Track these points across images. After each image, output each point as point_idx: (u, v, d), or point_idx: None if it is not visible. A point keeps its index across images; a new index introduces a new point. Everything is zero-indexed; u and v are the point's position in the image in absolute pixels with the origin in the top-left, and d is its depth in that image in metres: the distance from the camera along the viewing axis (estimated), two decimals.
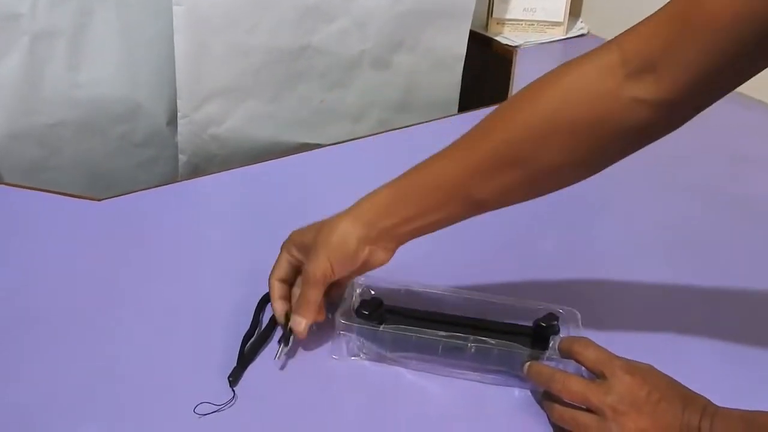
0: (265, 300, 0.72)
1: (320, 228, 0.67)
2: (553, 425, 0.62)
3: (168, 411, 0.62)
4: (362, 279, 0.72)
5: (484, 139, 0.63)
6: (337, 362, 0.68)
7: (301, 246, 0.68)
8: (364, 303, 0.69)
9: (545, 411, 0.63)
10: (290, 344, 0.67)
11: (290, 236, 0.70)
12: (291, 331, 0.67)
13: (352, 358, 0.68)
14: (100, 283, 0.76)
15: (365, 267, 0.68)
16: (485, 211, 0.66)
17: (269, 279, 0.70)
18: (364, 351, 0.68)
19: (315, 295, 0.66)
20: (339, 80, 1.23)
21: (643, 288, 0.80)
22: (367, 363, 0.68)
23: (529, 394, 0.66)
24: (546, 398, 0.63)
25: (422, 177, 0.65)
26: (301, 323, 0.66)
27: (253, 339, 0.68)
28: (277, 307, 0.69)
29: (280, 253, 0.70)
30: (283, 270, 0.70)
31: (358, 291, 0.71)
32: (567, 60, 0.62)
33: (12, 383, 0.64)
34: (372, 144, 1.10)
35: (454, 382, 0.67)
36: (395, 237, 0.66)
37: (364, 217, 0.65)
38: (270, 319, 0.71)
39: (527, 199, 0.65)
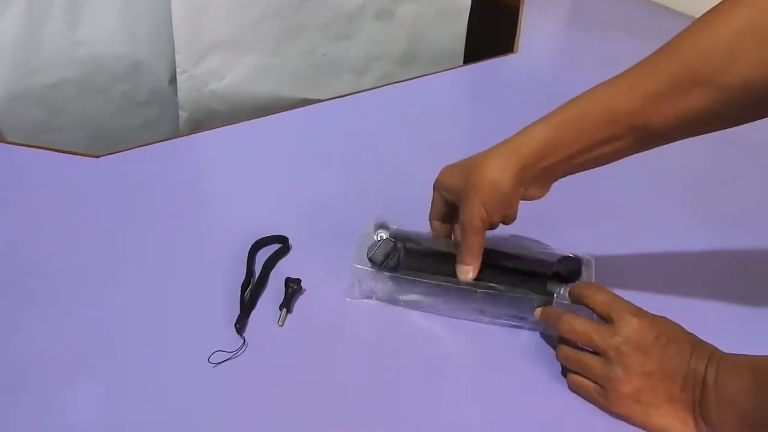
0: (256, 247, 0.73)
1: (470, 169, 0.63)
2: (563, 367, 0.62)
3: (178, 360, 0.63)
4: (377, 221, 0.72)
5: (663, 60, 0.57)
6: (350, 304, 0.69)
7: (451, 189, 0.65)
8: (376, 245, 0.68)
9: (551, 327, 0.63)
10: (292, 309, 0.67)
11: (439, 177, 0.67)
12: (293, 295, 0.67)
13: (365, 300, 0.69)
14: (100, 238, 0.77)
15: (524, 199, 0.65)
16: (657, 144, 0.60)
17: (429, 220, 0.69)
18: (376, 293, 0.69)
19: (476, 242, 0.64)
20: (341, 32, 1.21)
21: (660, 237, 0.79)
22: (379, 305, 0.69)
23: (538, 337, 0.66)
24: (560, 341, 0.63)
25: (589, 108, 0.59)
26: (468, 272, 0.65)
27: (250, 286, 0.69)
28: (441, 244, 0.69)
29: (434, 193, 0.68)
30: (438, 209, 0.68)
31: (372, 233, 0.72)
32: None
33: (13, 336, 0.65)
34: (375, 97, 1.08)
35: (464, 324, 0.67)
36: (552, 175, 0.63)
37: (518, 158, 0.61)
38: (263, 264, 0.71)
39: (706, 130, 0.58)
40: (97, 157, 0.89)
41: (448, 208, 0.68)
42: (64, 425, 0.58)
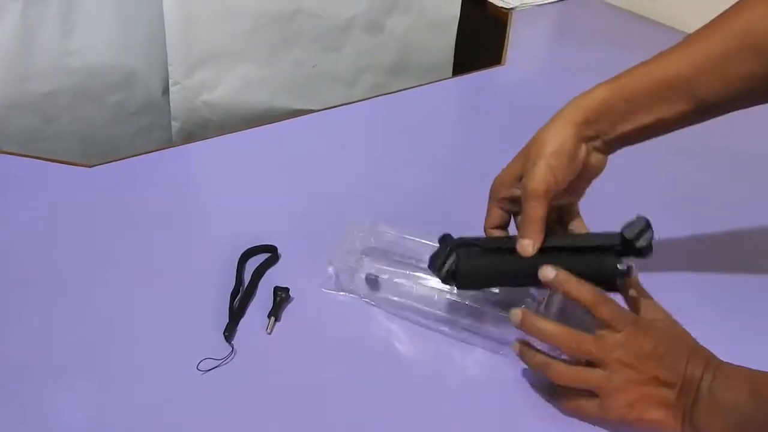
0: (246, 256, 0.74)
1: (529, 146, 0.62)
2: (551, 389, 0.63)
3: (167, 367, 0.64)
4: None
5: (720, 28, 0.60)
6: (338, 312, 0.70)
7: (513, 177, 0.64)
8: (435, 254, 0.65)
9: (544, 374, 0.62)
10: (280, 317, 0.68)
11: (496, 181, 0.65)
12: (281, 303, 0.68)
13: (351, 308, 0.70)
14: (92, 246, 0.78)
15: (586, 172, 0.64)
16: (712, 113, 0.62)
17: (484, 230, 0.66)
18: (353, 290, 0.71)
19: (539, 211, 0.60)
20: (332, 44, 1.23)
21: None
22: (363, 313, 0.70)
23: (491, 354, 0.66)
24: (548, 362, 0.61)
25: (644, 71, 0.62)
26: (528, 246, 0.61)
27: (239, 295, 0.70)
28: None
29: (489, 202, 0.66)
30: (494, 219, 0.65)
31: (360, 234, 0.73)
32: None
33: (6, 340, 0.66)
34: (366, 108, 1.10)
35: (425, 332, 0.69)
36: (611, 139, 0.63)
37: (578, 116, 0.61)
38: (252, 273, 0.72)
39: (749, 102, 0.61)
40: (90, 166, 0.90)
41: (505, 216, 0.66)
42: (52, 430, 0.59)
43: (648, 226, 0.60)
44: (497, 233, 0.66)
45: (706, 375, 0.56)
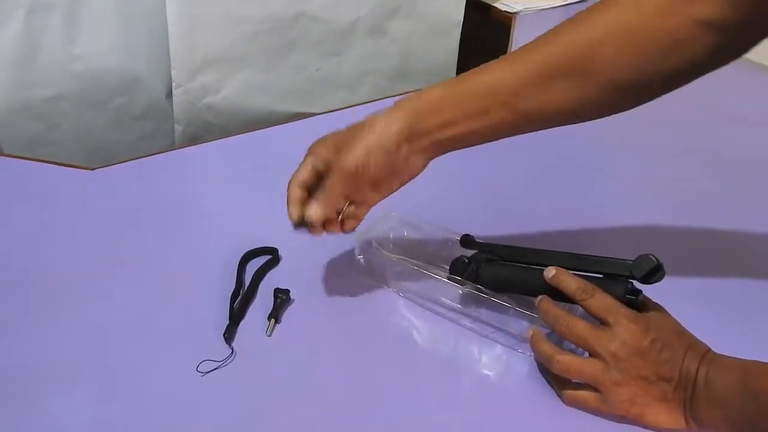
0: (246, 259, 0.74)
1: (357, 125, 0.64)
2: (554, 384, 0.63)
3: (167, 369, 0.64)
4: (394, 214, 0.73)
5: (540, 49, 0.62)
6: (337, 314, 0.70)
7: (334, 145, 0.64)
8: (458, 260, 0.69)
9: (540, 360, 0.63)
10: (280, 320, 0.68)
11: (318, 141, 0.65)
12: (281, 305, 0.68)
13: (357, 304, 0.71)
14: (93, 248, 0.78)
15: (401, 173, 0.65)
16: (530, 126, 0.64)
17: (288, 184, 0.66)
18: (377, 273, 0.72)
19: (340, 187, 0.63)
20: (334, 48, 1.23)
21: (638, 250, 0.80)
22: (366, 312, 0.70)
23: (511, 350, 0.67)
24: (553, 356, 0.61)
25: (471, 82, 0.63)
26: (316, 212, 0.63)
27: (240, 297, 0.70)
28: (292, 212, 0.65)
29: (305, 158, 0.66)
30: (305, 174, 0.65)
31: (391, 224, 0.74)
32: None
33: (8, 343, 0.66)
34: (368, 111, 1.09)
35: (446, 325, 0.69)
36: (433, 143, 0.64)
37: (405, 113, 0.63)
38: (253, 275, 0.72)
39: (572, 118, 0.63)
40: (92, 169, 0.90)
41: (315, 177, 0.66)
42: None
43: (658, 267, 0.62)
44: (299, 192, 0.65)
45: (701, 369, 0.57)
